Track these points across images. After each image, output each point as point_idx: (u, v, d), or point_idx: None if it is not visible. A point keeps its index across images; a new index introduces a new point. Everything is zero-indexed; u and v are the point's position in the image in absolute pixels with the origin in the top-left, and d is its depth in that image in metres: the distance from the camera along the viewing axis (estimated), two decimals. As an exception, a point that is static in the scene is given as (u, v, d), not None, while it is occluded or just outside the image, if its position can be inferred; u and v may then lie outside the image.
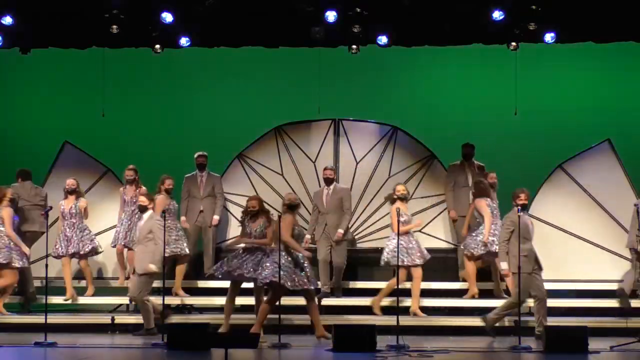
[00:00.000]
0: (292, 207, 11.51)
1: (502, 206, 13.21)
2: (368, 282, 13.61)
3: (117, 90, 15.62)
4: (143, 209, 12.13)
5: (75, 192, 13.44)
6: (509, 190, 12.18)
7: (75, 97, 16.16)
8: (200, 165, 13.86)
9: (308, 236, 13.00)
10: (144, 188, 13.37)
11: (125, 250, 13.42)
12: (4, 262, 12.73)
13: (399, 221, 12.01)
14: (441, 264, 13.54)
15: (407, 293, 12.92)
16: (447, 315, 12.80)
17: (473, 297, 12.90)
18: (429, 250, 12.88)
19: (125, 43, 13.64)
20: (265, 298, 11.47)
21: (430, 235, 13.83)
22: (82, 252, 13.32)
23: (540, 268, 11.65)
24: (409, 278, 12.59)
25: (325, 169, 13.43)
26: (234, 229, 13.92)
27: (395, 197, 12.69)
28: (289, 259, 11.26)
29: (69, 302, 13.32)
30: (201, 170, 13.86)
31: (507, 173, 14.10)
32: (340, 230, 13.10)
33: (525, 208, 11.59)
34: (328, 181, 13.31)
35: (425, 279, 12.91)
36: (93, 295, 13.42)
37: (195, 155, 13.91)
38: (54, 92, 16.38)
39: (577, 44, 13.82)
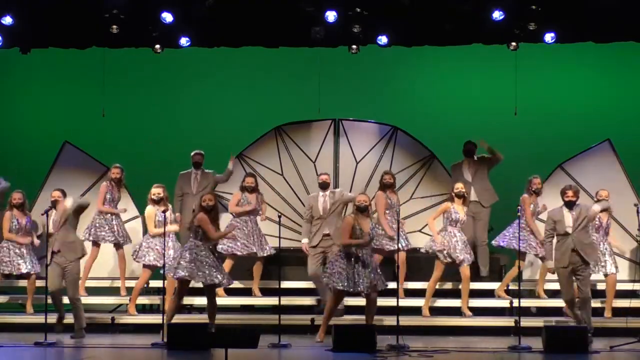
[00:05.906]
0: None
1: (502, 206, 13.25)
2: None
3: (117, 90, 15.62)
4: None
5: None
6: (509, 190, 12.11)
7: (75, 97, 16.15)
8: (196, 164, 13.83)
9: (305, 240, 12.61)
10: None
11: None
12: None
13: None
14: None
15: (408, 293, 12.92)
16: (447, 316, 12.76)
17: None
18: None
19: (125, 43, 13.64)
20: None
21: (430, 235, 13.77)
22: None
23: (584, 263, 11.36)
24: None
25: (321, 174, 12.93)
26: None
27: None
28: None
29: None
30: (197, 168, 13.84)
31: (507, 173, 14.07)
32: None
33: (570, 205, 11.31)
34: (324, 186, 12.79)
35: (424, 279, 12.95)
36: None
37: (192, 154, 13.86)
38: (54, 92, 16.37)
39: (577, 44, 13.83)
